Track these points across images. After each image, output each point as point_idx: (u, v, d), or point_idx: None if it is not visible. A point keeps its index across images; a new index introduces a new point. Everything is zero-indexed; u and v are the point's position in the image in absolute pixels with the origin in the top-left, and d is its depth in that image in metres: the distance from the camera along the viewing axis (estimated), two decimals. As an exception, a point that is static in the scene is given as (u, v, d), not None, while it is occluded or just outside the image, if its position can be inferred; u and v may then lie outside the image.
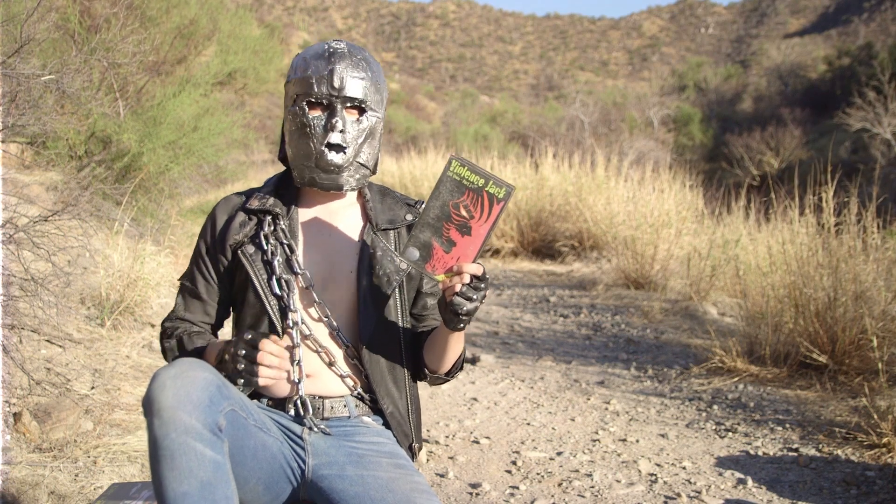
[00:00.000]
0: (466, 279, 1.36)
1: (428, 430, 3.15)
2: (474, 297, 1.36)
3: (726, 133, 26.31)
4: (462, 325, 1.41)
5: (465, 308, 1.36)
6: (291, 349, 1.50)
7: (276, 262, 1.50)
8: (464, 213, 1.37)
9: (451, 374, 1.57)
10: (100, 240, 4.14)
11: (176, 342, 1.54)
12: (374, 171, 1.64)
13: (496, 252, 8.21)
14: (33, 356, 2.80)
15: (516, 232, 8.18)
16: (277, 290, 1.50)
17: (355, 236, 1.57)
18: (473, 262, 1.37)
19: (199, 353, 1.49)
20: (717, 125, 28.64)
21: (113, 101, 4.83)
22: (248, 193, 1.61)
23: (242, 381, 1.32)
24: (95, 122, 4.90)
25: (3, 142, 3.33)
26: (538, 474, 2.70)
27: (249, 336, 1.34)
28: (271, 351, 1.33)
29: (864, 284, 3.56)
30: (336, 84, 1.49)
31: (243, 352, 1.32)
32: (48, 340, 3.00)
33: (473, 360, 4.25)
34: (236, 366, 1.32)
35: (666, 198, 6.58)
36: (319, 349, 1.51)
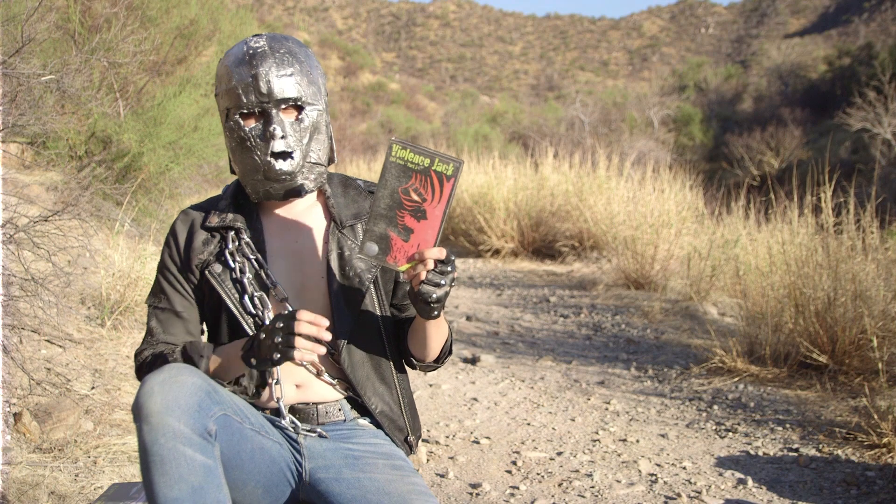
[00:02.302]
0: (430, 265, 1.30)
1: (428, 430, 3.15)
2: (442, 282, 1.31)
3: (726, 133, 26.28)
4: (435, 312, 1.36)
5: (434, 295, 1.31)
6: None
7: (245, 280, 1.46)
8: (415, 197, 1.30)
9: (439, 361, 1.54)
10: (100, 240, 4.15)
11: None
12: (331, 163, 1.57)
13: (496, 252, 8.22)
14: (33, 356, 2.81)
15: (516, 232, 8.18)
16: (252, 309, 1.45)
17: (321, 238, 1.52)
18: (434, 246, 1.32)
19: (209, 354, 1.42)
20: (718, 125, 28.60)
21: (113, 101, 4.84)
22: (207, 207, 1.55)
23: (278, 355, 1.27)
24: (95, 122, 4.91)
25: (3, 142, 3.33)
26: (538, 474, 2.70)
27: (287, 310, 1.35)
28: (308, 319, 1.27)
29: (863, 284, 3.56)
30: (263, 89, 1.41)
31: (281, 324, 1.27)
32: (48, 340, 3.00)
33: (473, 360, 4.25)
34: (273, 339, 1.27)
35: (666, 198, 6.59)
36: (304, 362, 1.46)
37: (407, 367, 1.60)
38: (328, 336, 1.28)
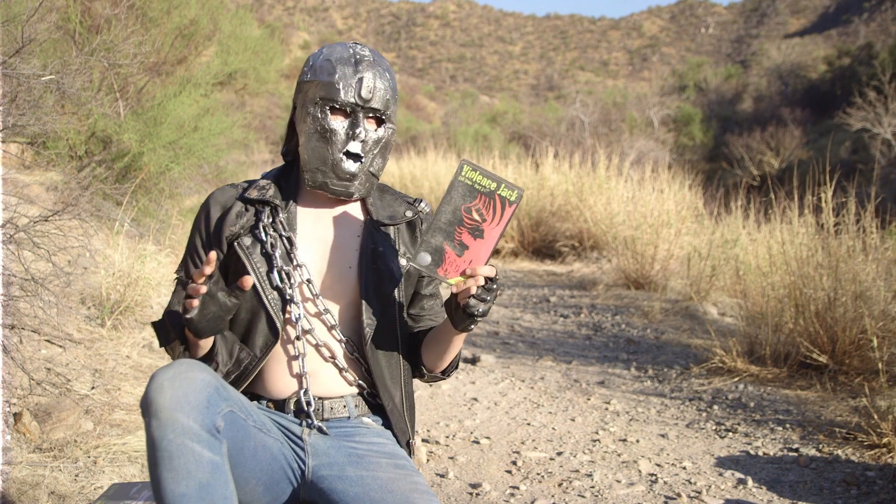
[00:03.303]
0: (481, 281, 1.37)
1: (428, 430, 3.15)
2: (488, 298, 1.38)
3: (726, 133, 26.25)
4: (473, 325, 1.42)
5: (479, 309, 1.37)
6: (293, 342, 1.49)
7: (276, 255, 1.49)
8: (476, 216, 1.38)
9: (447, 373, 1.58)
10: (100, 240, 4.15)
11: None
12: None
13: (496, 252, 8.21)
14: (33, 356, 2.80)
15: (516, 232, 8.18)
16: (278, 283, 1.48)
17: (354, 232, 1.57)
18: (485, 264, 1.39)
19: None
20: (718, 125, 28.56)
21: (113, 102, 4.84)
22: (246, 184, 1.60)
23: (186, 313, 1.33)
24: (96, 123, 4.90)
25: (3, 142, 3.33)
26: (538, 474, 2.70)
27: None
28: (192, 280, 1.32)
29: (863, 284, 3.56)
30: (364, 94, 1.49)
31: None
32: (48, 340, 3.00)
33: (473, 360, 4.25)
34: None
35: (666, 198, 6.59)
36: (319, 344, 1.50)
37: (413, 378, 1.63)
38: (202, 289, 1.30)
